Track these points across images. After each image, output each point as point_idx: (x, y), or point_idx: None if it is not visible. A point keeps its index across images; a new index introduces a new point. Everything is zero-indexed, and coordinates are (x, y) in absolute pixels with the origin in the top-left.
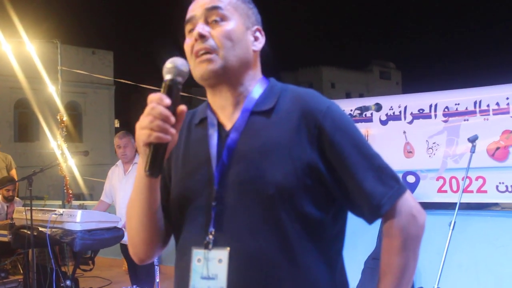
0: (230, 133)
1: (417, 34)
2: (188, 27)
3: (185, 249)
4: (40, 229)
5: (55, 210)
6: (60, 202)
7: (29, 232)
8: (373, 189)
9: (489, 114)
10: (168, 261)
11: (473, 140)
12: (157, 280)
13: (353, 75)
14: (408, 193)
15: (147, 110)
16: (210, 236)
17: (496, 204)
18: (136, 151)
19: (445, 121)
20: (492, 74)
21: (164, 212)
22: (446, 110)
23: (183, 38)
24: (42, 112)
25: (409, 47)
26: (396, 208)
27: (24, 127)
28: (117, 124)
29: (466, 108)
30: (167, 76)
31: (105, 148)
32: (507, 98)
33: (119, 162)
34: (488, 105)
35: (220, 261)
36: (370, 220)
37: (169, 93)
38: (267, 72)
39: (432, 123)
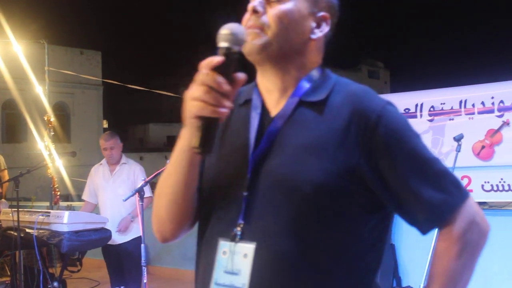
0: (273, 120)
1: (406, 34)
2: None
3: (212, 239)
4: (27, 230)
5: (42, 212)
6: (47, 203)
7: (16, 234)
8: (430, 197)
9: (474, 114)
10: (156, 261)
11: (458, 139)
12: (145, 281)
13: (341, 74)
14: (470, 199)
15: (199, 77)
16: (238, 228)
17: (484, 203)
18: (122, 151)
19: (431, 121)
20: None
21: (198, 192)
22: (431, 109)
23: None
24: (29, 113)
25: (397, 47)
26: (456, 215)
27: (11, 128)
28: (105, 124)
29: (452, 108)
30: (222, 44)
31: (94, 148)
32: (492, 98)
33: (104, 161)
34: (473, 105)
35: (245, 256)
36: (425, 230)
37: (223, 62)
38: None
39: (417, 123)
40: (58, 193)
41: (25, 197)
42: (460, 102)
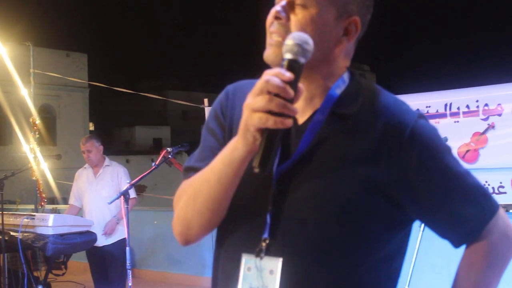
0: (303, 134)
1: (392, 37)
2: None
3: (234, 253)
4: (12, 233)
5: (27, 214)
6: (32, 206)
7: (0, 237)
8: (463, 213)
9: (459, 117)
10: (142, 264)
11: None
12: (130, 284)
13: None
14: (501, 211)
15: (259, 86)
16: (264, 244)
17: None
18: (103, 153)
19: None
20: (463, 77)
21: None
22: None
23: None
24: (14, 115)
25: (383, 50)
26: (488, 228)
27: None
28: (91, 127)
29: (437, 111)
30: (287, 55)
31: (79, 151)
32: (477, 101)
33: (87, 165)
34: (458, 108)
35: (271, 272)
36: (457, 244)
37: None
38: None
39: None
40: (44, 196)
41: (10, 200)
42: (446, 105)
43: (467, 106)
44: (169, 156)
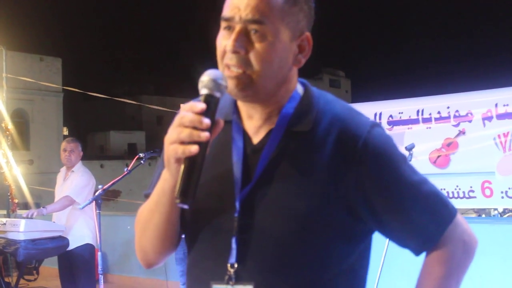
0: (260, 156)
1: (367, 44)
2: (223, 24)
3: (202, 280)
4: None
5: None
6: (4, 212)
7: None
8: (419, 221)
9: (431, 123)
10: (116, 269)
11: (410, 148)
12: None
13: None
14: (459, 217)
15: (175, 120)
16: (232, 270)
17: None
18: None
19: (390, 129)
20: (435, 84)
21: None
22: (390, 118)
23: (216, 27)
24: None
25: (358, 56)
26: (446, 235)
27: None
28: (65, 131)
29: (410, 117)
30: (203, 91)
31: (53, 156)
32: (448, 107)
33: (63, 168)
34: (430, 114)
35: None
36: (417, 253)
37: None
38: None
39: None
40: (16, 201)
41: None
42: (418, 111)
43: (439, 113)
44: (142, 161)
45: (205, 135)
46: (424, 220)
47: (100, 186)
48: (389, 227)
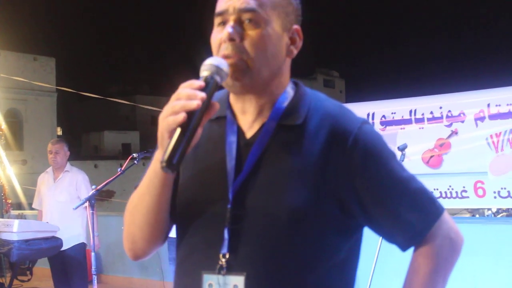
0: (252, 147)
1: (361, 45)
2: (217, 20)
3: (193, 272)
4: None
5: None
6: None
7: None
8: (408, 217)
9: (424, 123)
10: (110, 270)
11: (402, 148)
12: None
13: None
14: (445, 214)
15: (173, 96)
16: (223, 260)
17: None
18: (68, 159)
19: (383, 130)
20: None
21: (172, 213)
22: (383, 118)
23: (211, 26)
24: None
25: (352, 57)
26: (433, 231)
27: None
28: (59, 131)
29: (402, 117)
30: (204, 73)
31: (47, 156)
32: (441, 108)
33: (50, 169)
34: (423, 114)
35: (235, 287)
36: (404, 248)
37: (203, 87)
38: None
39: None
40: (9, 202)
41: None
42: (410, 111)
43: (431, 113)
44: (135, 162)
45: (197, 101)
46: (412, 215)
47: (93, 186)
48: (377, 222)
